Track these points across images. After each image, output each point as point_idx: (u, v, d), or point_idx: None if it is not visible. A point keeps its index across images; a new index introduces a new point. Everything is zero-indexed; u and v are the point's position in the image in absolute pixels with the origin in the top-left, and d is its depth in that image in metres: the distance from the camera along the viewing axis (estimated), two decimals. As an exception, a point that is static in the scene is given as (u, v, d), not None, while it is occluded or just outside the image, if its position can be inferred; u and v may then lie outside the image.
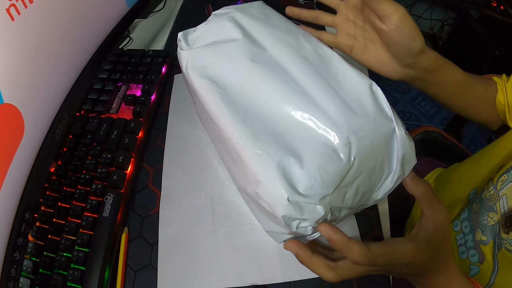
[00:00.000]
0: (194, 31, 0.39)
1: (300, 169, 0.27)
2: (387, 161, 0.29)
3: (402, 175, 0.30)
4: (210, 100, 0.33)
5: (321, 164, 0.27)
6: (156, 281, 0.37)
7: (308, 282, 0.37)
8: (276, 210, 0.28)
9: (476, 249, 0.40)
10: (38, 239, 0.38)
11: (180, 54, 0.38)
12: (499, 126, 0.48)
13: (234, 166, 0.34)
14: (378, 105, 0.30)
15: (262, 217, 0.35)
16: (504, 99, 0.43)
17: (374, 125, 0.29)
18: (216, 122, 0.33)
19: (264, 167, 0.28)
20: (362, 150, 0.28)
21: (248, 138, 0.30)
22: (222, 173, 0.44)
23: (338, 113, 0.29)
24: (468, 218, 0.43)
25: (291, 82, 0.31)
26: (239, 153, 0.30)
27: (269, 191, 0.28)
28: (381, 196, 0.31)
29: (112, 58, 0.55)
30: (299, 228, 0.28)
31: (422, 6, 1.79)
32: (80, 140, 0.45)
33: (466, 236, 0.43)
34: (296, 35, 0.36)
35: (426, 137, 0.73)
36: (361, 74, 0.32)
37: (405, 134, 0.29)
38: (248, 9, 0.40)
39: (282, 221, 0.28)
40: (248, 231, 0.40)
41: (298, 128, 0.29)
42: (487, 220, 0.39)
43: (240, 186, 0.35)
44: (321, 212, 0.27)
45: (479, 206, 0.41)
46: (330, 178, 0.27)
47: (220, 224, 0.41)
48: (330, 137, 0.28)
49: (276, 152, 0.29)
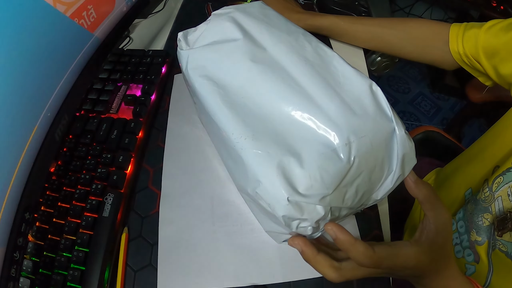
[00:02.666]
0: (194, 31, 0.39)
1: (300, 169, 0.27)
2: (387, 161, 0.29)
3: (402, 175, 0.30)
4: (210, 100, 0.33)
5: (321, 164, 0.27)
6: (156, 281, 0.37)
7: (308, 282, 0.37)
8: (276, 210, 0.28)
9: (472, 249, 0.41)
10: (38, 239, 0.38)
11: (180, 54, 0.38)
12: (455, 68, 0.51)
13: (234, 166, 0.34)
14: (378, 105, 0.30)
15: (262, 217, 0.35)
16: (462, 49, 0.46)
17: (374, 125, 0.29)
18: (216, 122, 0.33)
19: (264, 167, 0.28)
20: (362, 150, 0.28)
21: (248, 138, 0.30)
22: (222, 173, 0.44)
23: (338, 113, 0.29)
24: (463, 218, 0.43)
25: (291, 82, 0.31)
26: (239, 153, 0.30)
27: (269, 191, 0.28)
28: (381, 196, 0.31)
29: (112, 58, 0.55)
30: (299, 228, 0.28)
31: (422, 6, 1.79)
32: (80, 140, 0.45)
33: (462, 236, 0.43)
34: (296, 35, 0.36)
35: (426, 137, 0.73)
36: (361, 74, 0.32)
37: (405, 134, 0.29)
38: (248, 9, 0.39)
39: (282, 221, 0.28)
40: (248, 231, 0.40)
41: (298, 128, 0.29)
42: (482, 221, 0.39)
43: (240, 186, 0.35)
44: (321, 212, 0.27)
45: (474, 207, 0.41)
46: (330, 178, 0.27)
47: (220, 224, 0.41)
48: (330, 137, 0.28)
49: (276, 152, 0.29)
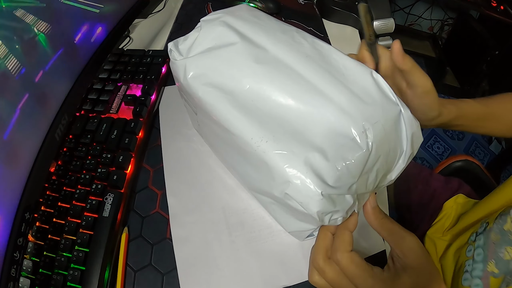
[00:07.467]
0: (185, 40, 0.38)
1: (326, 162, 0.28)
2: (398, 142, 0.30)
3: (412, 153, 0.31)
4: (220, 107, 0.33)
5: (344, 154, 0.28)
6: (156, 281, 0.37)
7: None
8: (310, 207, 0.28)
9: (484, 279, 0.39)
10: (38, 239, 0.38)
11: (175, 65, 0.36)
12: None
13: (254, 171, 0.33)
14: (382, 91, 0.30)
15: (286, 218, 0.35)
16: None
17: (383, 110, 0.29)
18: (229, 129, 0.32)
19: (292, 166, 0.28)
20: (377, 136, 0.28)
21: (269, 140, 0.30)
22: (229, 181, 0.44)
23: (349, 104, 0.29)
24: (483, 246, 0.41)
25: (299, 79, 0.31)
26: (261, 157, 0.30)
27: (301, 190, 0.28)
28: (395, 176, 0.32)
29: (112, 58, 0.55)
30: (331, 221, 0.29)
31: (422, 6, 1.80)
32: (80, 140, 0.45)
33: (476, 264, 0.41)
34: (291, 33, 0.36)
35: (466, 166, 0.75)
36: (360, 63, 0.32)
37: (411, 115, 0.30)
38: (237, 12, 0.39)
39: (317, 217, 0.28)
40: (267, 235, 0.40)
41: (314, 123, 0.30)
42: (504, 254, 0.38)
43: (263, 190, 0.34)
44: (350, 201, 0.29)
45: (500, 237, 0.39)
46: (354, 167, 0.28)
47: (237, 234, 0.40)
48: (347, 128, 0.28)
49: (300, 150, 0.29)
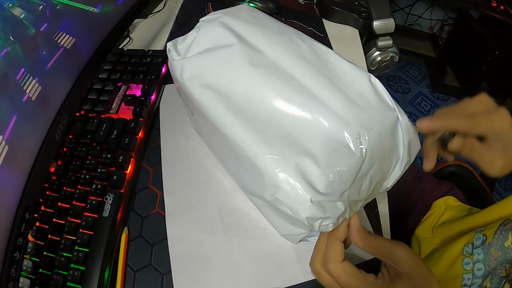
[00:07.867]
0: (184, 40, 0.38)
1: (317, 168, 0.27)
2: (394, 149, 0.30)
3: (409, 161, 0.31)
4: (214, 109, 0.32)
5: (336, 160, 0.27)
6: (156, 281, 0.37)
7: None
8: (300, 212, 0.27)
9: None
10: (38, 239, 0.38)
11: (173, 65, 0.36)
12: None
13: (246, 174, 0.33)
14: (380, 96, 0.30)
15: (279, 221, 0.34)
16: None
17: (379, 116, 0.29)
18: (223, 131, 0.32)
19: (282, 171, 0.28)
20: (372, 142, 0.28)
21: (261, 144, 0.29)
22: (226, 182, 0.44)
23: (344, 109, 0.29)
24: (483, 261, 0.41)
25: (294, 83, 0.31)
26: (252, 160, 0.30)
27: (290, 195, 0.28)
28: (392, 183, 0.32)
29: (112, 58, 0.55)
30: (321, 227, 0.29)
31: (422, 6, 1.80)
32: (80, 140, 0.45)
33: (475, 279, 0.41)
34: (289, 35, 0.35)
35: (459, 171, 0.75)
36: (358, 67, 0.32)
37: (408, 121, 0.30)
38: (237, 12, 0.38)
39: (306, 222, 0.28)
40: (261, 236, 0.40)
41: (307, 128, 0.29)
42: (501, 271, 0.38)
43: (255, 193, 0.34)
44: (341, 208, 0.28)
45: (501, 253, 0.39)
46: (346, 174, 0.27)
47: (232, 234, 0.40)
48: (341, 133, 0.28)
49: (291, 155, 0.28)
